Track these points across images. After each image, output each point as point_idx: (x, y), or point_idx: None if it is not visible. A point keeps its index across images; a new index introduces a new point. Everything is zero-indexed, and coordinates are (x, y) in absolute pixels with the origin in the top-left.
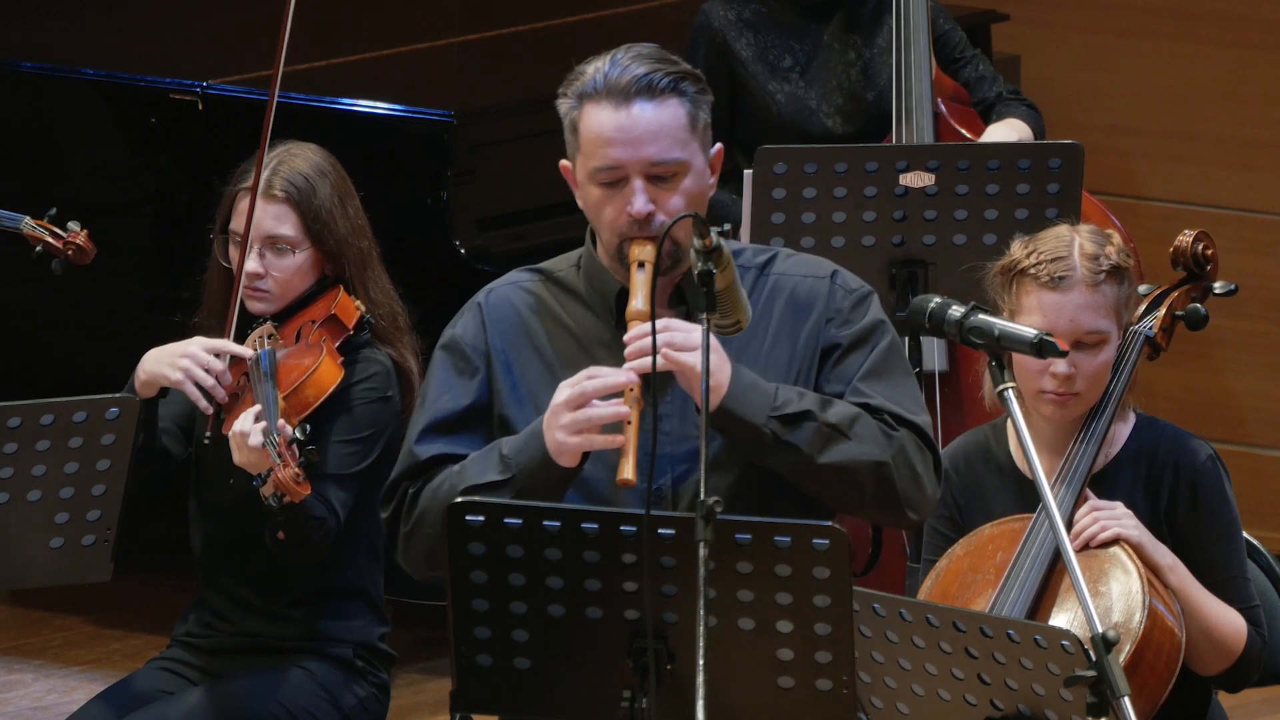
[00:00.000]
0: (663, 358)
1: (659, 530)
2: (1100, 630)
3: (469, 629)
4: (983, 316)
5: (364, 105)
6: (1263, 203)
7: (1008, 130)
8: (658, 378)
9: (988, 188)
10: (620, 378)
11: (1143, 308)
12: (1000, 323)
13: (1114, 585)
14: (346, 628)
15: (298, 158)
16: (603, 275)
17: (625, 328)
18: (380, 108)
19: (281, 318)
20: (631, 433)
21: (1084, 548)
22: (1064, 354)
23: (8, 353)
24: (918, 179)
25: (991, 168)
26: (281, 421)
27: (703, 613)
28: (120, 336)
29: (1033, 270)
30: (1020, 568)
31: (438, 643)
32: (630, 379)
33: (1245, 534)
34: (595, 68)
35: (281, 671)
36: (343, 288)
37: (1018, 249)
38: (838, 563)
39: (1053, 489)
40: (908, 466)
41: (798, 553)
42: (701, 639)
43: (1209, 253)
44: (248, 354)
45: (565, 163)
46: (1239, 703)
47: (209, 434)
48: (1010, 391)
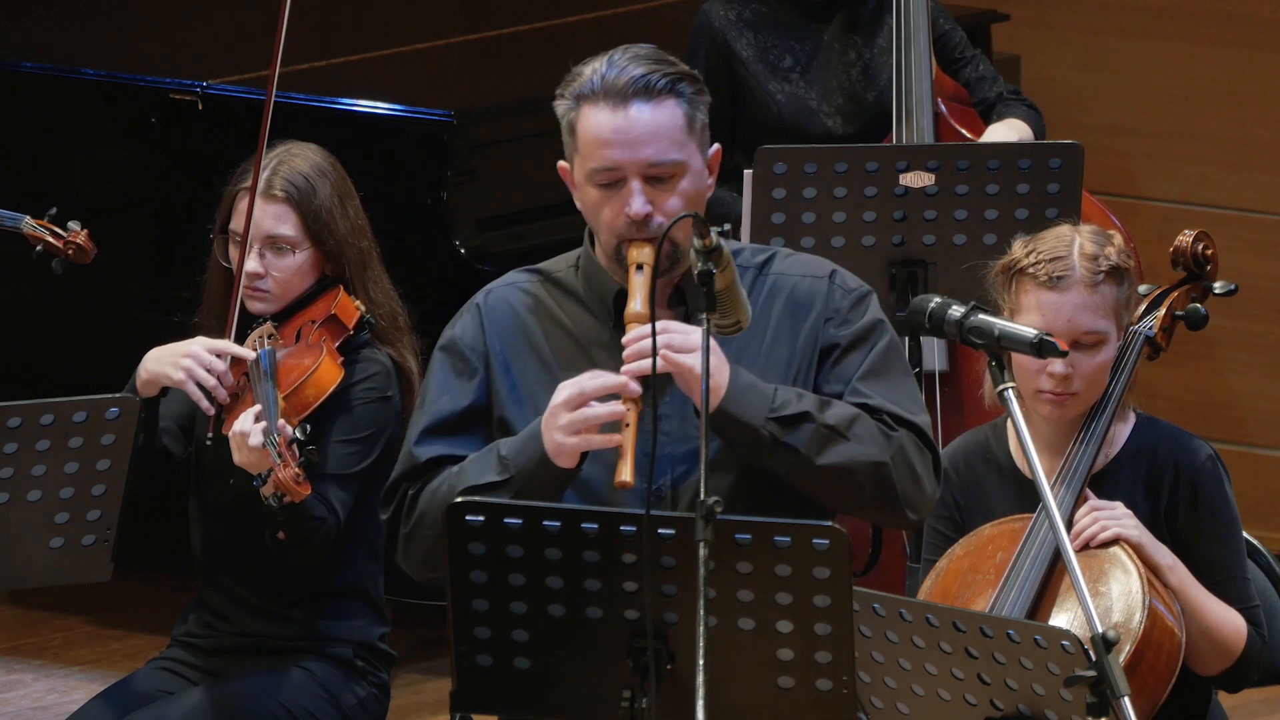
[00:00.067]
0: (662, 359)
1: (659, 530)
2: (1100, 630)
3: (469, 629)
4: (983, 316)
5: (364, 105)
6: (1263, 203)
7: (1008, 130)
8: (657, 379)
9: (988, 188)
10: (620, 380)
11: (1143, 308)
12: (1000, 323)
13: (1114, 585)
14: (346, 628)
15: (298, 158)
16: (601, 276)
17: (624, 329)
18: (380, 108)
19: (281, 318)
20: (629, 434)
21: (1084, 548)
22: (1064, 354)
23: (8, 353)
24: (918, 179)
25: (991, 168)
26: (281, 421)
27: (703, 613)
28: (120, 336)
29: (1031, 269)
30: (1020, 568)
31: (438, 643)
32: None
33: (1245, 534)
34: (592, 69)
35: (281, 671)
36: (343, 288)
37: (1018, 248)
38: (838, 563)
39: (1053, 489)
40: (907, 467)
41: (798, 553)
42: (701, 639)
43: (1209, 253)
44: (249, 355)
45: (563, 164)
46: (1239, 703)
47: (210, 435)
48: (1010, 391)
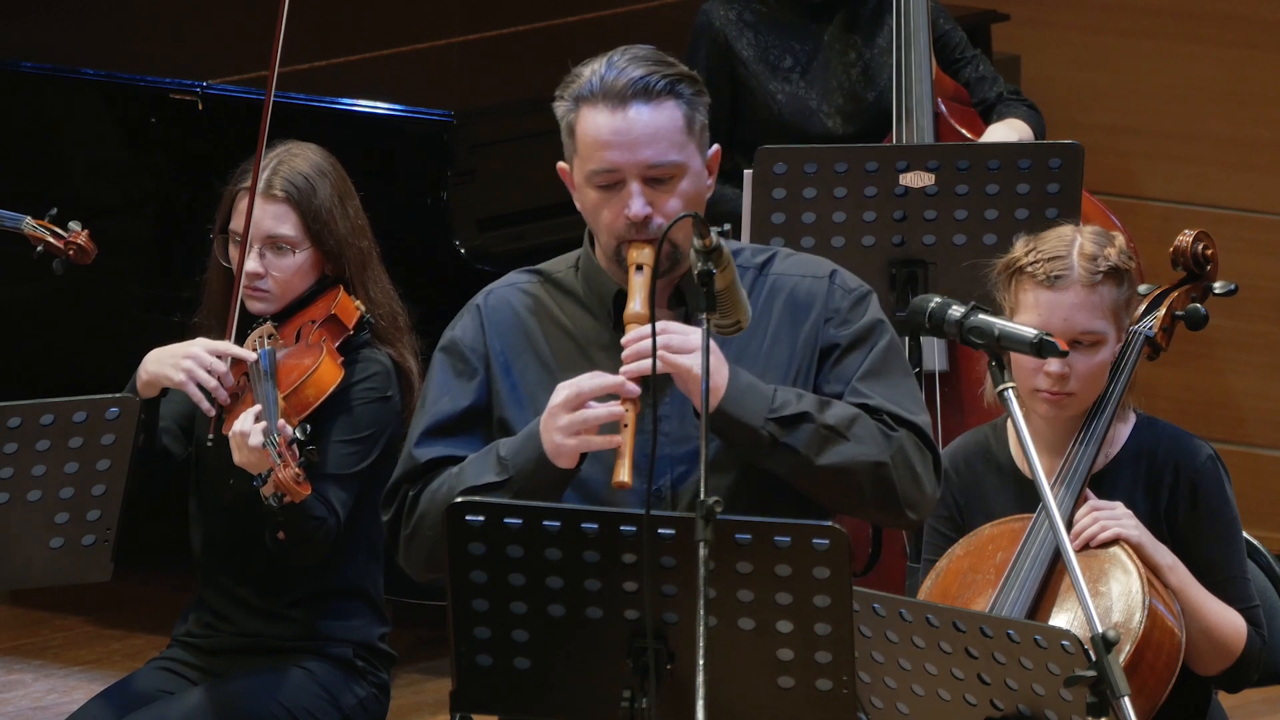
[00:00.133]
0: (661, 360)
1: (659, 530)
2: (1100, 630)
3: (469, 629)
4: (983, 316)
5: (364, 105)
6: (1263, 203)
7: (1008, 130)
8: (657, 379)
9: (988, 188)
10: (618, 380)
11: (1143, 308)
12: (1000, 322)
13: (1114, 585)
14: (346, 628)
15: (298, 158)
16: (601, 277)
17: (624, 330)
18: (380, 108)
19: (281, 318)
20: (628, 435)
21: (1084, 548)
22: (1064, 354)
23: (8, 353)
24: (918, 179)
25: (991, 168)
26: (282, 421)
27: (703, 613)
28: (120, 336)
29: (1030, 268)
30: (1020, 568)
31: (438, 643)
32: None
33: (1245, 534)
34: (591, 70)
35: (281, 671)
36: (343, 288)
37: (1019, 247)
38: (838, 563)
39: (1053, 489)
40: (907, 467)
41: (798, 553)
42: (701, 639)
43: (1209, 253)
44: (249, 356)
45: (563, 165)
46: (1239, 703)
47: (211, 435)
48: (1010, 391)
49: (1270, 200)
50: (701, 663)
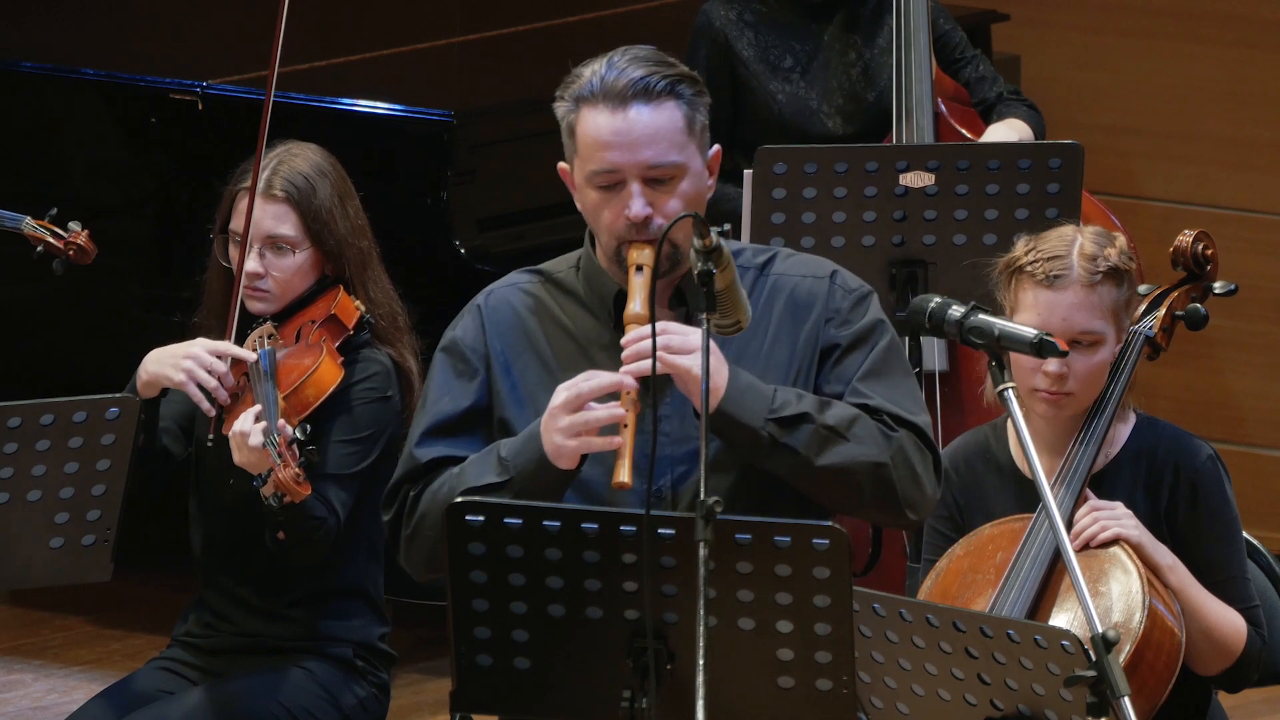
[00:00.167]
0: (660, 361)
1: (659, 530)
2: (1100, 630)
3: (469, 629)
4: (983, 316)
5: (364, 105)
6: (1263, 203)
7: (1008, 130)
8: (657, 379)
9: (988, 188)
10: (617, 379)
11: (1143, 308)
12: (1000, 322)
13: (1114, 585)
14: (346, 628)
15: (298, 158)
16: (601, 277)
17: (624, 330)
18: (380, 108)
19: (281, 318)
20: (628, 435)
21: (1084, 548)
22: (1064, 354)
23: (8, 353)
24: (918, 179)
25: (991, 168)
26: (282, 421)
27: (703, 613)
28: (120, 336)
29: (1030, 268)
30: (1020, 568)
31: (438, 643)
32: (626, 382)
33: (1245, 534)
34: (592, 71)
35: (281, 671)
36: (343, 288)
37: (1020, 247)
38: (838, 563)
39: (1053, 489)
40: (907, 467)
41: (798, 553)
42: (701, 639)
43: (1209, 253)
44: (249, 357)
45: (563, 165)
46: (1239, 703)
47: (211, 435)
48: (1010, 391)
49: (1270, 200)
50: (701, 663)
